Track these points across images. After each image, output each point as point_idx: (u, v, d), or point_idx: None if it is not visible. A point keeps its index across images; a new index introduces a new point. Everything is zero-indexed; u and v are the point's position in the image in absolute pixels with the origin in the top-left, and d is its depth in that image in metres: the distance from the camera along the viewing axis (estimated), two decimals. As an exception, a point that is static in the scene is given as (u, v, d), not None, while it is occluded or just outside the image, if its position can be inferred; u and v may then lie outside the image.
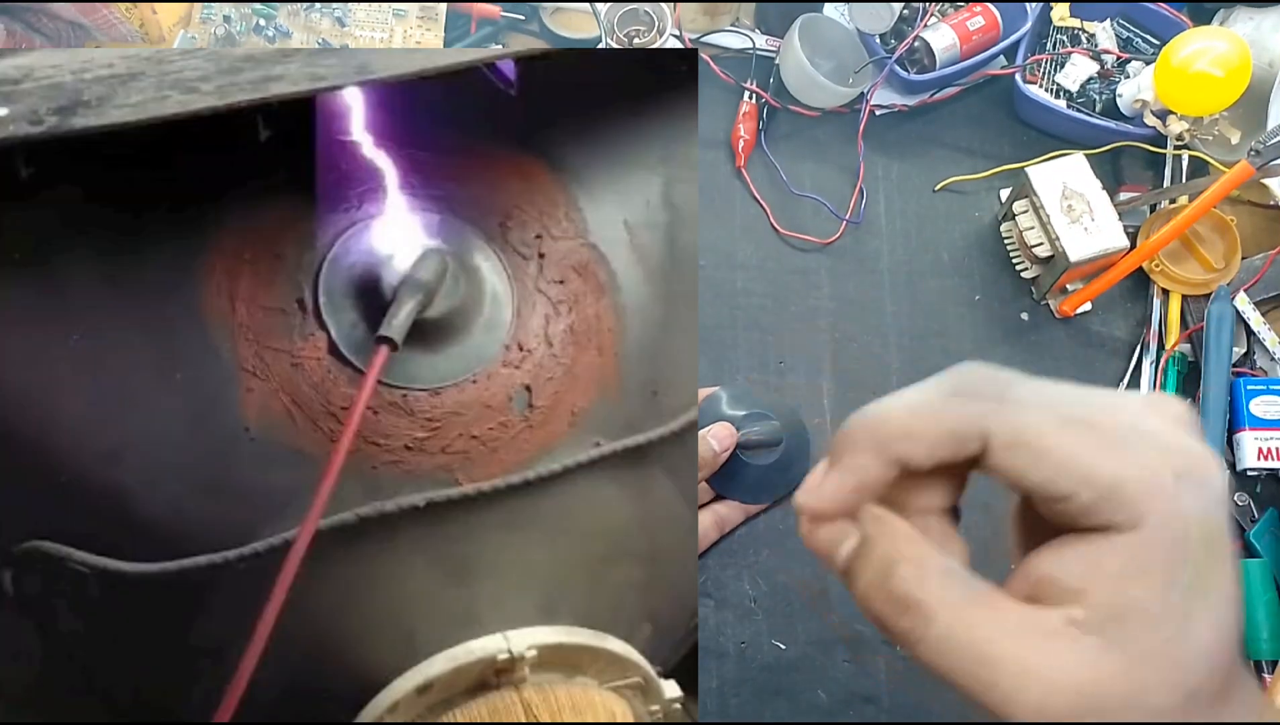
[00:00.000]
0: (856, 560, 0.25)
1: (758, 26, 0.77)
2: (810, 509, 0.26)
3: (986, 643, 0.23)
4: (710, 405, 0.61)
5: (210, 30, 0.74)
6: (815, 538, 0.26)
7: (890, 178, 0.73)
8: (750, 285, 0.69)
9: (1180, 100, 0.67)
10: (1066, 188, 0.64)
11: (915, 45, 0.72)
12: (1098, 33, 0.75)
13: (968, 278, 0.70)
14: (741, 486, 0.61)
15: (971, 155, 0.74)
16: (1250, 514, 0.62)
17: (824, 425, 0.65)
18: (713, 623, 0.60)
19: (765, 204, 0.71)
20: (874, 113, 0.74)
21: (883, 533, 0.25)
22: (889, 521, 0.25)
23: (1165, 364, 0.66)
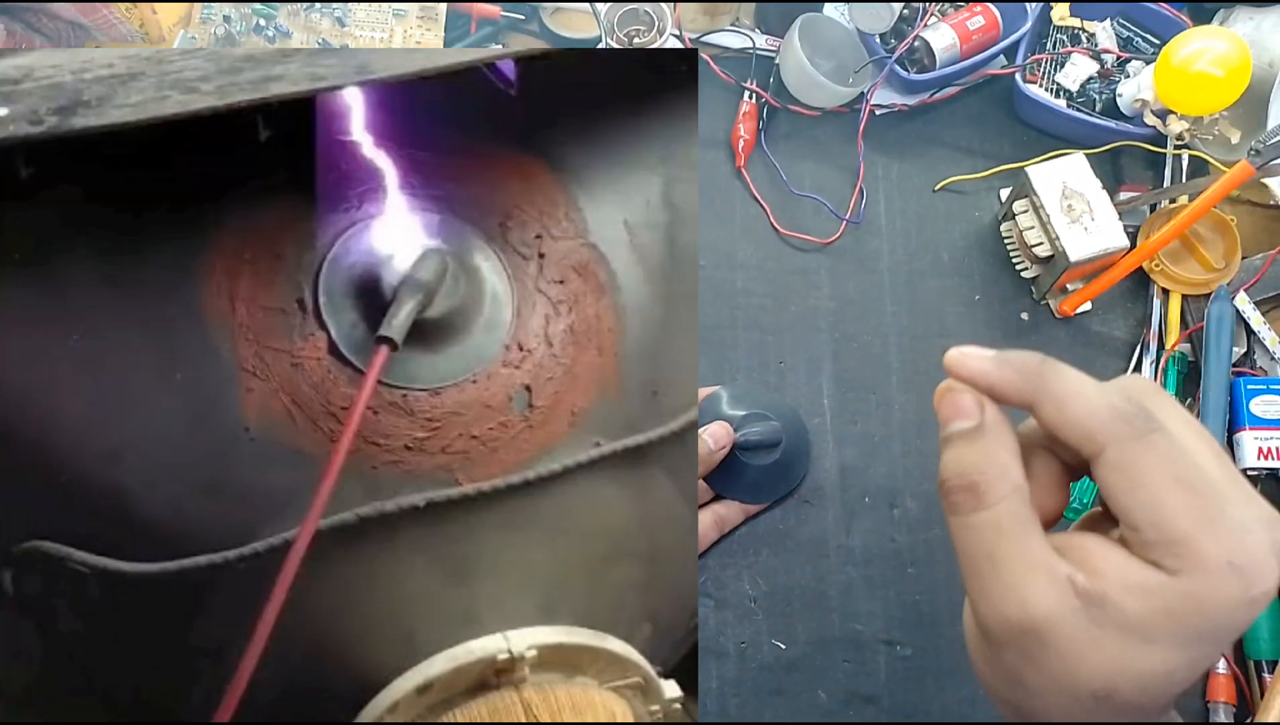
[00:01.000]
0: (964, 439, 0.29)
1: (758, 26, 0.77)
2: (956, 361, 0.29)
3: (1006, 550, 0.27)
4: (710, 405, 0.62)
5: (210, 30, 0.74)
6: (944, 402, 0.29)
7: (890, 178, 0.73)
8: (750, 285, 0.69)
9: (1180, 100, 0.67)
10: (1066, 187, 0.64)
11: (915, 45, 0.72)
12: (1098, 32, 0.75)
13: (968, 278, 0.70)
14: (741, 486, 0.61)
15: (971, 155, 0.74)
16: (1250, 514, 0.62)
17: (824, 425, 0.65)
18: (713, 623, 0.60)
19: (765, 204, 0.71)
20: (874, 112, 0.74)
21: (994, 432, 0.28)
22: (1002, 427, 0.28)
23: (1165, 364, 0.66)
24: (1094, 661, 0.26)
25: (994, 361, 0.29)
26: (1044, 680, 0.27)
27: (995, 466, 0.28)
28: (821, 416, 0.65)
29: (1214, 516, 0.25)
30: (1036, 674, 0.27)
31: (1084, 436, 0.27)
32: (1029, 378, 0.28)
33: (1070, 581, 0.26)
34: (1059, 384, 0.28)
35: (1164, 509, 0.25)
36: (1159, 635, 0.25)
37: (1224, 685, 0.58)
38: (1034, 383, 0.28)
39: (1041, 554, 0.27)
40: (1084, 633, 0.26)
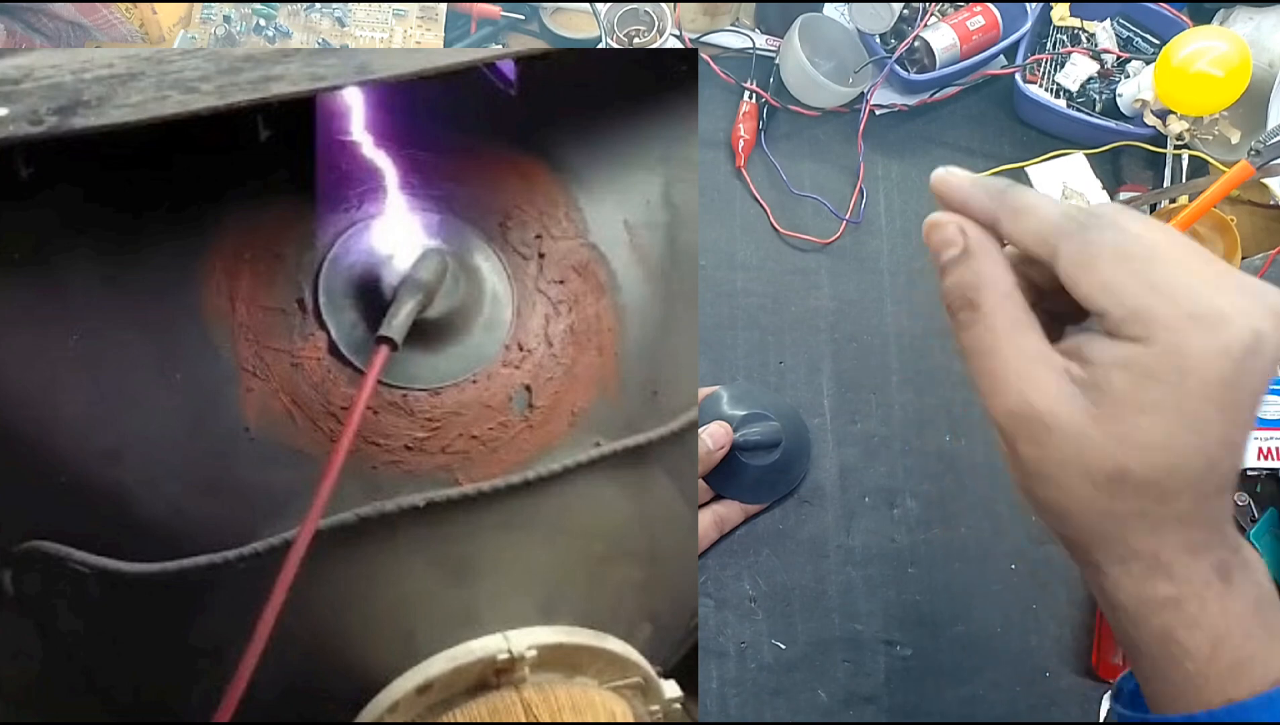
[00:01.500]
0: (955, 263, 0.31)
1: (758, 26, 0.77)
2: (941, 178, 0.32)
3: (1003, 348, 0.30)
4: (710, 405, 0.62)
5: (210, 30, 0.74)
6: (931, 237, 0.32)
7: (890, 178, 0.73)
8: (750, 285, 0.69)
9: (1180, 100, 0.67)
10: (1066, 187, 0.64)
11: (915, 45, 0.72)
12: (1098, 32, 0.75)
13: (968, 278, 0.70)
14: (741, 486, 0.61)
15: (971, 155, 0.74)
16: (1250, 514, 0.62)
17: (824, 425, 0.65)
18: (713, 623, 0.60)
19: (765, 204, 0.71)
20: (874, 112, 0.74)
21: (980, 251, 0.31)
22: (987, 246, 0.31)
23: (1165, 364, 0.66)
24: (1097, 441, 0.28)
25: (969, 180, 0.32)
26: (1057, 469, 0.29)
27: (985, 278, 0.31)
28: (821, 416, 0.65)
29: (1165, 280, 0.27)
30: (1049, 462, 0.29)
31: (1039, 241, 0.30)
32: (993, 196, 0.31)
33: (1066, 371, 0.29)
34: (1017, 199, 0.31)
35: (1117, 286, 0.28)
36: (1148, 403, 0.27)
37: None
38: (997, 200, 0.31)
39: (1038, 348, 0.29)
40: (1084, 413, 0.28)
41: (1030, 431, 0.29)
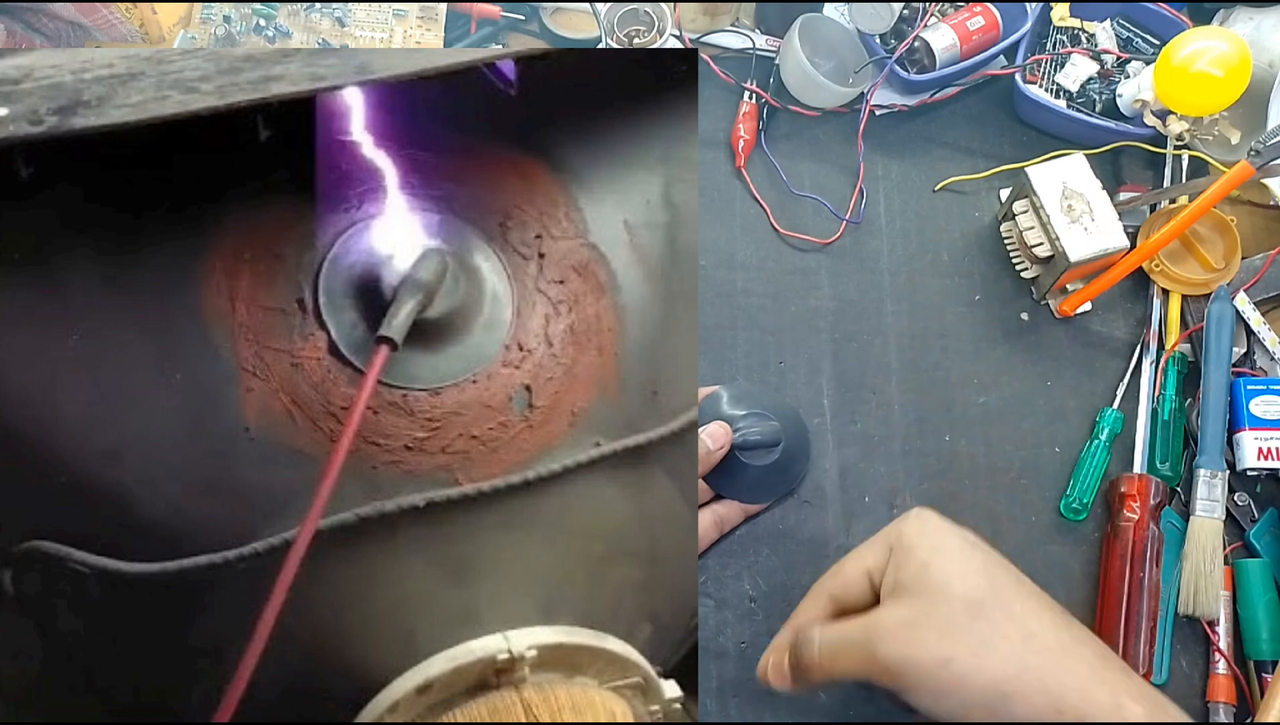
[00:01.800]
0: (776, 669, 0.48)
1: (758, 26, 0.77)
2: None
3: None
4: (710, 405, 0.61)
5: (210, 30, 0.74)
6: (769, 682, 0.49)
7: (890, 178, 0.73)
8: (750, 285, 0.69)
9: (1180, 100, 0.67)
10: (1066, 188, 0.64)
11: (915, 45, 0.72)
12: (1098, 33, 0.75)
13: (968, 278, 0.70)
14: (741, 486, 0.61)
15: (971, 155, 0.74)
16: (1250, 514, 0.62)
17: (824, 425, 0.65)
18: (713, 623, 0.60)
19: (765, 204, 0.71)
20: (874, 113, 0.74)
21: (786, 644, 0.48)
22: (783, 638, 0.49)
23: (1165, 364, 0.66)
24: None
25: (770, 664, 0.49)
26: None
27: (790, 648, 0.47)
28: (821, 416, 0.65)
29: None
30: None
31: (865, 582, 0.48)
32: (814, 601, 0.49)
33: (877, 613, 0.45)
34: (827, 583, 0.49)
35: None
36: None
37: (1224, 685, 0.58)
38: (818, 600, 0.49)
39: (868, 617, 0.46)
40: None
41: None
